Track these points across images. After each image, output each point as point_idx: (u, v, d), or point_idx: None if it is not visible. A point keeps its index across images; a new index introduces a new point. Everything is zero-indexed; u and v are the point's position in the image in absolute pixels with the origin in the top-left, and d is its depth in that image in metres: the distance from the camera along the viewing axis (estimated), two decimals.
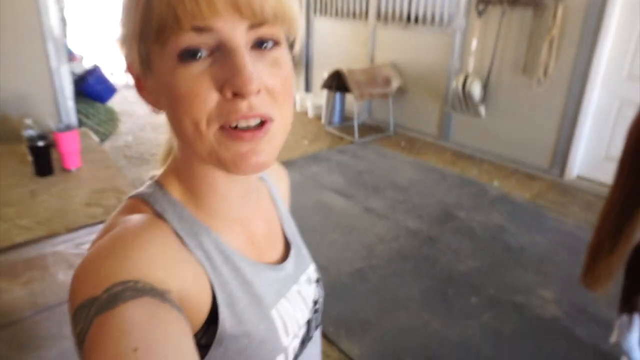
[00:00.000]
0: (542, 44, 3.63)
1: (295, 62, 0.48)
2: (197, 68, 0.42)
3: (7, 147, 2.05)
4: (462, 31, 4.23)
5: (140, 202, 0.51)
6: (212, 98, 0.43)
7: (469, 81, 4.07)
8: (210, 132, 0.44)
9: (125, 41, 0.47)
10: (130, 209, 0.51)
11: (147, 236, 0.45)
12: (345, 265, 2.61)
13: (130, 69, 0.50)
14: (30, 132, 1.81)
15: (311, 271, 0.68)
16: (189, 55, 0.42)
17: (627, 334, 1.85)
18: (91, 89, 3.00)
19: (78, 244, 1.63)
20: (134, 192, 0.53)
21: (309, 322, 0.64)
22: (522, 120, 3.96)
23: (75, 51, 4.54)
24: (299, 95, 6.01)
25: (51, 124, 1.95)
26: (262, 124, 0.45)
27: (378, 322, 2.18)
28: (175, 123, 0.46)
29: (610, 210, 1.75)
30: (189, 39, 0.41)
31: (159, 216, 0.50)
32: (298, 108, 5.97)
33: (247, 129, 0.45)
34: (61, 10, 6.72)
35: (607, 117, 3.56)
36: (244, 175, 0.49)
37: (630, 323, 1.85)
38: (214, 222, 0.54)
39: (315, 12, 5.82)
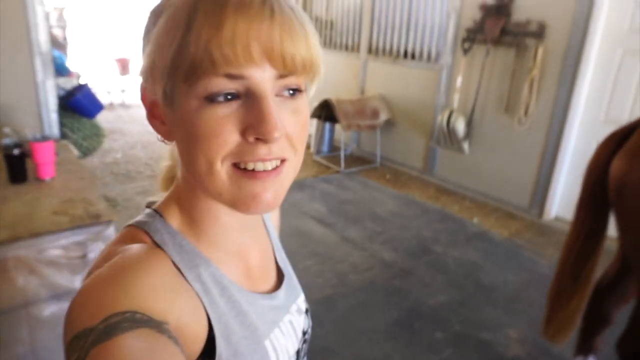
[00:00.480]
0: (523, 84, 3.73)
1: None
2: (223, 110, 0.43)
3: None
4: (448, 68, 4.34)
5: (139, 231, 0.51)
6: (232, 140, 0.44)
7: (453, 117, 4.15)
8: (223, 170, 0.45)
9: (151, 73, 0.46)
10: (129, 238, 0.50)
11: (146, 267, 0.45)
12: (315, 292, 2.61)
13: (144, 97, 0.50)
14: (7, 141, 1.84)
15: (301, 301, 0.68)
16: (218, 98, 0.43)
17: None
18: (79, 104, 3.06)
19: (40, 250, 1.65)
20: (132, 220, 0.53)
21: (297, 353, 0.64)
22: (504, 159, 4.02)
23: (72, 68, 4.62)
24: None
25: (29, 134, 1.99)
26: (277, 165, 0.47)
27: (339, 350, 2.17)
28: (189, 159, 0.46)
29: (570, 253, 1.77)
30: (221, 84, 0.43)
31: (158, 246, 0.50)
32: None
33: (263, 171, 0.46)
34: (63, 28, 6.85)
35: (585, 159, 3.57)
36: (251, 214, 0.51)
37: None
38: (213, 253, 0.54)
39: None
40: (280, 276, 0.66)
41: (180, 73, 0.43)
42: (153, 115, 0.51)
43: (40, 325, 1.69)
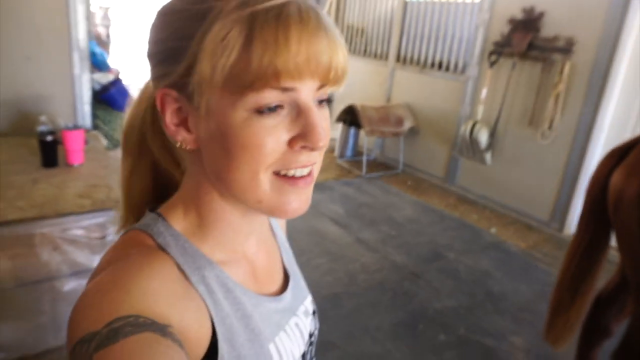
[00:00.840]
0: (548, 98, 3.71)
1: None
2: (271, 121, 0.44)
3: (23, 139, 2.26)
4: (474, 79, 4.35)
5: (142, 234, 0.50)
6: (279, 149, 0.45)
7: (476, 128, 4.16)
8: (266, 179, 0.46)
9: (191, 83, 0.44)
10: (131, 241, 0.50)
11: (149, 270, 0.45)
12: (323, 288, 2.68)
13: (164, 103, 0.48)
14: (42, 128, 2.00)
15: (308, 303, 0.68)
16: (268, 109, 0.43)
17: None
18: (112, 98, 3.24)
19: (64, 229, 1.78)
20: (135, 224, 0.53)
21: (304, 356, 0.64)
22: (526, 171, 4.00)
23: (113, 65, 4.88)
24: None
25: (62, 123, 2.15)
26: (310, 171, 0.49)
27: (342, 345, 2.23)
28: (228, 168, 0.46)
29: (570, 264, 1.79)
30: (273, 97, 0.43)
31: (162, 249, 0.49)
32: None
33: (301, 176, 0.48)
34: (106, 27, 7.16)
35: None
36: (288, 218, 0.51)
37: None
38: (218, 255, 0.54)
39: None
40: (286, 278, 0.66)
41: (232, 85, 0.42)
42: (177, 124, 0.49)
43: (61, 298, 1.82)
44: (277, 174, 0.47)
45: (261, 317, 0.55)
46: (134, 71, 8.14)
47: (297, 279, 0.68)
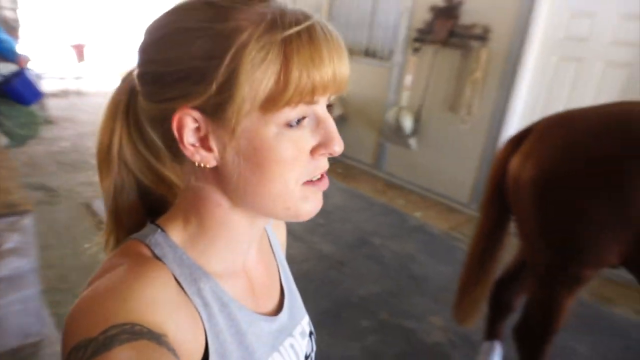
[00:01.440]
0: (467, 84, 3.85)
1: None
2: (298, 134, 0.46)
3: None
4: (399, 66, 4.43)
5: (139, 244, 0.50)
6: (305, 159, 0.48)
7: (401, 114, 4.25)
8: (297, 188, 0.48)
9: (228, 103, 0.44)
10: (129, 251, 0.50)
11: (146, 279, 0.45)
12: None
13: (182, 124, 0.46)
14: None
15: (305, 323, 0.68)
16: (295, 122, 0.46)
17: (489, 359, 1.96)
18: (14, 90, 2.99)
19: None
20: (135, 234, 0.53)
21: None
22: (448, 155, 4.14)
23: (22, 53, 4.49)
24: None
25: None
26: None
27: None
28: (261, 183, 0.47)
29: (475, 247, 1.87)
30: (301, 110, 0.46)
31: (159, 260, 0.49)
32: None
33: (319, 179, 0.51)
34: (14, 10, 6.61)
35: None
36: (302, 220, 0.52)
37: (491, 349, 1.96)
38: (216, 268, 0.54)
39: None
40: (283, 296, 0.66)
41: (269, 104, 0.44)
42: (191, 143, 0.47)
43: None
44: (306, 183, 0.49)
45: (255, 336, 0.55)
46: (48, 59, 7.58)
47: (294, 299, 0.68)
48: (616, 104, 1.58)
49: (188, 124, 0.46)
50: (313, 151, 0.48)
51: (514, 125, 3.72)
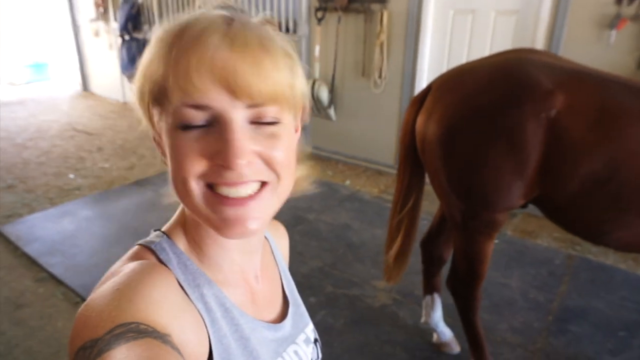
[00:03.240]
0: (374, 48, 3.89)
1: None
2: (193, 135, 0.45)
3: None
4: (306, 38, 4.39)
5: (145, 250, 0.53)
6: (202, 163, 0.45)
7: (316, 86, 4.23)
8: (198, 189, 0.47)
9: (145, 100, 0.49)
10: (135, 256, 0.52)
11: (151, 282, 0.46)
12: None
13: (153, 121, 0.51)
14: None
15: (309, 331, 0.69)
16: (187, 125, 0.45)
17: (431, 312, 2.05)
18: None
19: None
20: (141, 240, 0.55)
21: None
22: (367, 121, 4.21)
23: None
24: None
25: None
26: (255, 191, 0.48)
27: None
28: (171, 179, 0.49)
29: (395, 207, 1.92)
30: (189, 114, 0.45)
31: (164, 265, 0.51)
32: None
33: (237, 197, 0.47)
34: None
35: None
36: (231, 239, 0.50)
37: (432, 302, 2.05)
38: (217, 275, 0.55)
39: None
40: (287, 305, 0.67)
41: (157, 103, 0.46)
42: (154, 139, 0.53)
43: None
44: (211, 189, 0.47)
45: (258, 342, 0.56)
46: None
47: (298, 307, 0.69)
48: (501, 54, 1.66)
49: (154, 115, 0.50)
50: (212, 158, 0.46)
51: (424, 82, 3.83)
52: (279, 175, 0.49)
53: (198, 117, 0.45)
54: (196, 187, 0.47)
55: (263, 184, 0.49)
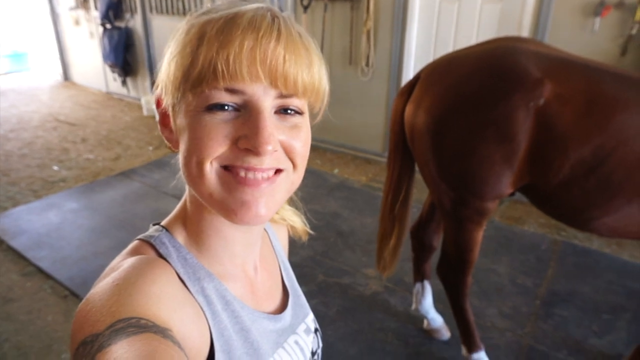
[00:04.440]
0: (361, 35, 3.88)
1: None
2: (219, 117, 0.47)
3: None
4: None
5: (145, 245, 0.53)
6: (225, 145, 0.47)
7: None
8: (213, 171, 0.47)
9: (165, 85, 0.50)
10: (135, 251, 0.52)
11: (151, 276, 0.46)
12: None
13: (159, 104, 0.53)
14: None
15: (309, 320, 0.70)
16: (217, 107, 0.46)
17: (422, 299, 2.07)
18: None
19: None
20: (141, 235, 0.55)
21: None
22: (355, 109, 4.20)
23: None
24: (145, 98, 5.73)
25: None
26: (269, 176, 0.49)
27: None
28: (185, 162, 0.49)
29: (386, 198, 1.92)
30: (221, 97, 0.46)
31: (164, 259, 0.51)
32: (145, 112, 5.69)
33: (254, 178, 0.48)
34: None
35: None
36: (242, 224, 0.50)
37: (423, 290, 2.07)
38: (217, 267, 0.55)
39: (151, 10, 5.56)
40: (287, 296, 0.67)
41: (189, 84, 0.46)
42: (164, 124, 0.54)
43: None
44: (226, 169, 0.48)
45: (259, 332, 0.57)
46: None
47: (297, 297, 0.70)
48: (488, 42, 1.66)
49: (162, 106, 0.52)
50: (238, 141, 0.47)
51: (411, 70, 3.83)
52: (295, 164, 0.52)
53: (229, 100, 0.46)
54: (211, 169, 0.48)
55: (277, 171, 0.50)
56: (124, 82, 6.24)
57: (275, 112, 0.49)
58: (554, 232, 3.03)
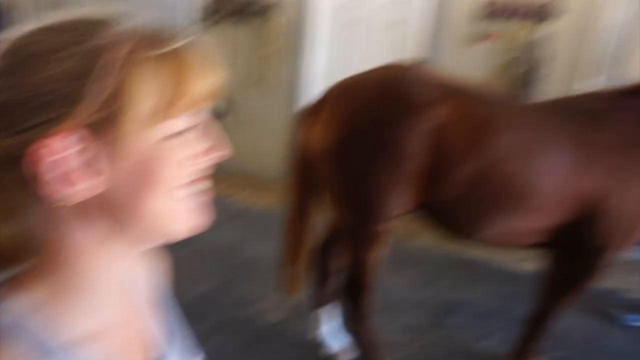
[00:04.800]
0: (263, 57, 3.92)
1: None
2: (181, 140, 0.46)
3: None
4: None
5: None
6: (196, 163, 0.47)
7: None
8: (182, 192, 0.47)
9: (112, 120, 0.41)
10: None
11: None
12: None
13: (39, 157, 0.40)
14: None
15: None
16: (178, 132, 0.45)
17: (321, 325, 2.05)
18: None
19: None
20: None
21: None
22: (258, 133, 4.18)
23: None
24: None
25: None
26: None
27: None
28: (142, 199, 0.44)
29: (289, 225, 1.89)
30: (191, 119, 0.46)
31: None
32: None
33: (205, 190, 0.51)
34: None
35: None
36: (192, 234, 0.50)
37: (322, 316, 2.04)
38: (91, 325, 0.46)
39: None
40: (165, 340, 0.61)
41: (164, 114, 0.43)
42: (64, 177, 0.41)
43: None
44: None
45: None
46: None
47: (178, 339, 0.64)
48: (381, 68, 1.71)
49: (59, 154, 0.40)
50: (196, 156, 0.47)
51: (313, 93, 3.89)
52: None
53: (189, 121, 0.46)
54: (181, 192, 0.47)
55: None
56: None
57: None
58: (446, 244, 3.18)
